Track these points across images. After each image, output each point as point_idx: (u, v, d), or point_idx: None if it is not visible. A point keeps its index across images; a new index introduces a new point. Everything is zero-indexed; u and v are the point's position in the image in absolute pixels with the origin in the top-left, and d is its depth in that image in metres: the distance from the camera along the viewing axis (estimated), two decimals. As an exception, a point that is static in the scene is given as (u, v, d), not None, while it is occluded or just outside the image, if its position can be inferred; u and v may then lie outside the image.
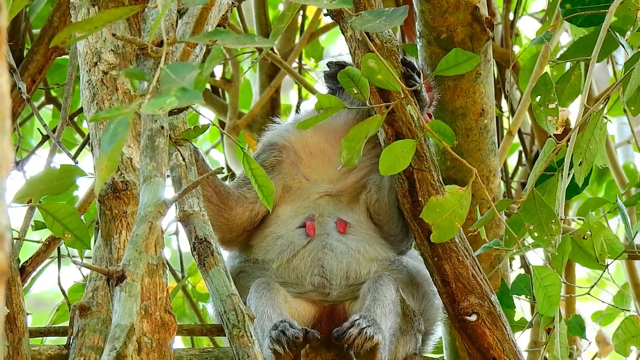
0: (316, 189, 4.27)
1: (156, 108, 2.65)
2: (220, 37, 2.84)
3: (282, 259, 4.15)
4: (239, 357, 3.27)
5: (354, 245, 4.17)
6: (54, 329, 4.09)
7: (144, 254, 2.77)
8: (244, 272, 4.22)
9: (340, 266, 4.12)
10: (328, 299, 4.12)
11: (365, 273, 4.13)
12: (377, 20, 3.42)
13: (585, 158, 3.66)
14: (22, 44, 4.95)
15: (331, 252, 4.13)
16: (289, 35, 6.21)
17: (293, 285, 4.14)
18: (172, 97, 2.64)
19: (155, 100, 2.68)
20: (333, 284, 4.12)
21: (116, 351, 2.65)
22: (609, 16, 3.72)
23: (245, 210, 4.24)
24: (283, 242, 4.18)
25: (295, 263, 4.14)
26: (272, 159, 4.24)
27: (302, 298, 4.13)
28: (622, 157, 6.60)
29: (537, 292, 3.60)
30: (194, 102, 2.66)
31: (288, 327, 3.87)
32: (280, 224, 4.23)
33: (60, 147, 4.41)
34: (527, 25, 8.15)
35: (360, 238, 4.19)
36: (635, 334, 3.81)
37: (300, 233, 4.18)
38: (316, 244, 4.15)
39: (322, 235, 4.16)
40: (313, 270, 4.12)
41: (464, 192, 3.54)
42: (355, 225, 4.22)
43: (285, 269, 4.15)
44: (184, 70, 2.72)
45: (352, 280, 4.12)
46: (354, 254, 4.15)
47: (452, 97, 4.41)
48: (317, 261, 4.12)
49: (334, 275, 4.12)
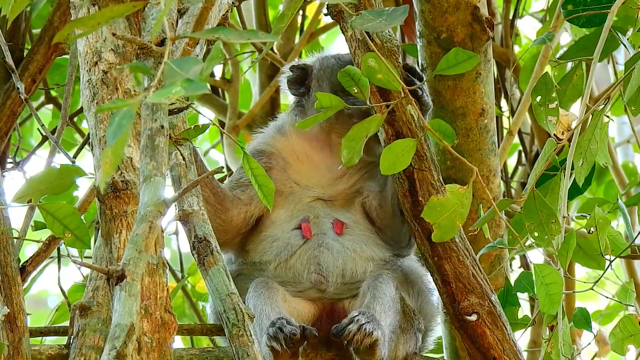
0: (308, 193, 4.29)
1: (162, 97, 2.65)
2: (222, 33, 2.85)
3: (280, 260, 4.16)
4: (239, 356, 3.27)
5: (350, 244, 4.18)
6: (54, 328, 4.09)
7: (144, 254, 2.77)
8: (242, 275, 4.22)
9: (336, 264, 4.13)
10: (325, 296, 4.13)
11: (361, 272, 4.14)
12: (377, 19, 3.42)
13: (585, 157, 3.66)
14: (22, 44, 4.95)
15: (327, 251, 4.14)
16: (288, 35, 6.21)
17: (291, 284, 4.15)
18: (178, 87, 2.65)
19: (161, 90, 2.68)
20: (330, 281, 4.13)
21: (116, 350, 2.65)
22: (610, 16, 3.72)
23: (239, 212, 4.25)
24: (280, 243, 4.19)
25: (292, 262, 4.15)
26: (262, 164, 4.24)
27: (301, 297, 4.14)
28: (622, 156, 6.61)
29: (539, 290, 3.60)
30: (200, 92, 2.66)
31: (285, 324, 3.87)
32: (275, 228, 4.24)
33: (59, 149, 4.41)
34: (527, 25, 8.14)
35: (357, 238, 4.20)
36: (634, 332, 3.81)
37: (296, 234, 4.19)
38: (312, 244, 4.16)
39: (318, 235, 4.17)
40: (310, 268, 4.13)
41: (465, 191, 3.54)
42: (352, 226, 4.23)
43: (283, 268, 4.16)
44: (188, 64, 2.73)
45: (348, 278, 4.13)
46: (350, 253, 4.16)
47: (452, 97, 4.41)
48: (313, 259, 4.14)
49: (330, 272, 4.12)
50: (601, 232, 3.75)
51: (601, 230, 3.75)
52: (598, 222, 3.75)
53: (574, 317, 3.90)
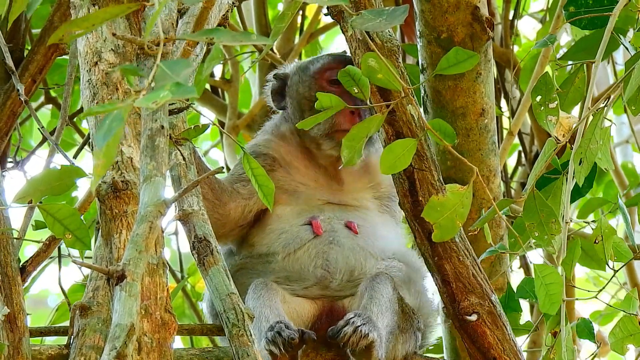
0: (317, 195, 4.30)
1: (150, 102, 2.65)
2: (217, 34, 2.84)
3: (288, 251, 4.17)
4: (239, 356, 3.27)
5: (363, 243, 4.19)
6: (54, 328, 4.09)
7: (144, 254, 2.77)
8: (244, 269, 4.23)
9: (346, 261, 4.14)
10: (327, 293, 4.13)
11: (370, 269, 4.15)
12: (377, 19, 3.42)
13: (585, 157, 3.66)
14: (22, 44, 4.95)
15: (338, 248, 4.15)
16: (288, 35, 6.22)
17: (294, 280, 4.14)
18: (165, 91, 2.65)
19: (150, 94, 2.68)
20: (336, 277, 4.13)
21: (116, 351, 2.65)
22: (612, 19, 3.72)
23: (238, 205, 4.26)
24: (288, 236, 4.20)
25: (299, 254, 4.16)
26: (265, 165, 4.24)
27: (301, 296, 4.14)
28: (621, 156, 6.61)
29: (539, 291, 3.60)
30: (188, 97, 2.66)
31: (284, 328, 3.87)
32: (282, 222, 4.24)
33: (58, 150, 4.41)
34: (527, 25, 8.15)
35: (371, 236, 4.22)
36: (633, 332, 3.80)
37: (306, 229, 4.20)
38: (323, 240, 4.17)
39: (329, 232, 4.18)
40: (316, 262, 4.14)
41: (465, 191, 3.54)
42: (367, 226, 4.25)
43: (290, 260, 4.16)
44: (179, 67, 2.72)
45: (356, 276, 4.14)
46: (361, 252, 4.17)
47: (453, 97, 4.41)
48: (322, 254, 4.15)
49: (337, 269, 4.13)
50: (607, 241, 3.75)
51: (607, 240, 3.75)
52: (604, 232, 3.75)
53: (577, 327, 3.90)
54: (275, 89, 4.41)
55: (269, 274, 4.16)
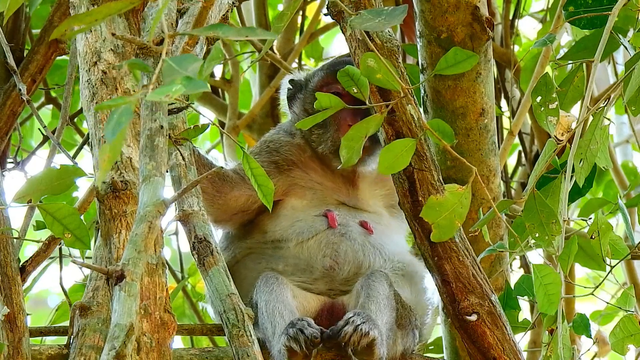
0: (333, 195, 4.33)
1: (162, 95, 2.65)
2: (221, 30, 2.84)
3: (301, 239, 4.20)
4: (239, 356, 3.27)
5: (375, 242, 4.21)
6: (54, 328, 4.09)
7: (144, 254, 2.77)
8: (253, 253, 4.26)
9: (356, 255, 4.17)
10: (332, 287, 4.15)
11: (378, 267, 4.17)
12: (376, 19, 3.42)
13: (585, 157, 3.66)
14: (22, 44, 4.95)
15: (349, 242, 4.19)
16: (288, 35, 6.22)
17: (303, 269, 4.16)
18: (178, 85, 2.65)
19: (161, 88, 2.68)
20: (343, 269, 4.15)
21: (115, 351, 2.65)
22: (612, 18, 3.72)
23: (242, 194, 4.29)
24: (303, 224, 4.24)
25: (310, 243, 4.19)
26: (285, 163, 4.30)
27: (308, 290, 4.16)
28: (621, 156, 6.61)
29: (538, 291, 3.60)
30: (200, 90, 2.66)
31: (306, 326, 3.89)
32: (298, 212, 4.29)
33: (59, 149, 4.42)
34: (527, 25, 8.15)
35: (385, 240, 4.25)
36: (634, 332, 3.80)
37: (322, 220, 4.23)
38: (336, 232, 4.21)
39: (344, 226, 4.22)
40: (326, 251, 4.17)
41: (464, 191, 3.53)
42: (381, 229, 4.27)
43: (300, 248, 4.18)
44: (186, 62, 2.73)
45: (362, 272, 4.16)
46: (372, 250, 4.21)
47: (452, 96, 4.41)
48: (332, 244, 4.18)
49: (346, 261, 4.16)
50: (603, 238, 3.75)
51: (603, 236, 3.75)
52: (600, 228, 3.75)
53: (573, 323, 3.90)
54: (291, 94, 4.46)
55: (279, 260, 4.19)
